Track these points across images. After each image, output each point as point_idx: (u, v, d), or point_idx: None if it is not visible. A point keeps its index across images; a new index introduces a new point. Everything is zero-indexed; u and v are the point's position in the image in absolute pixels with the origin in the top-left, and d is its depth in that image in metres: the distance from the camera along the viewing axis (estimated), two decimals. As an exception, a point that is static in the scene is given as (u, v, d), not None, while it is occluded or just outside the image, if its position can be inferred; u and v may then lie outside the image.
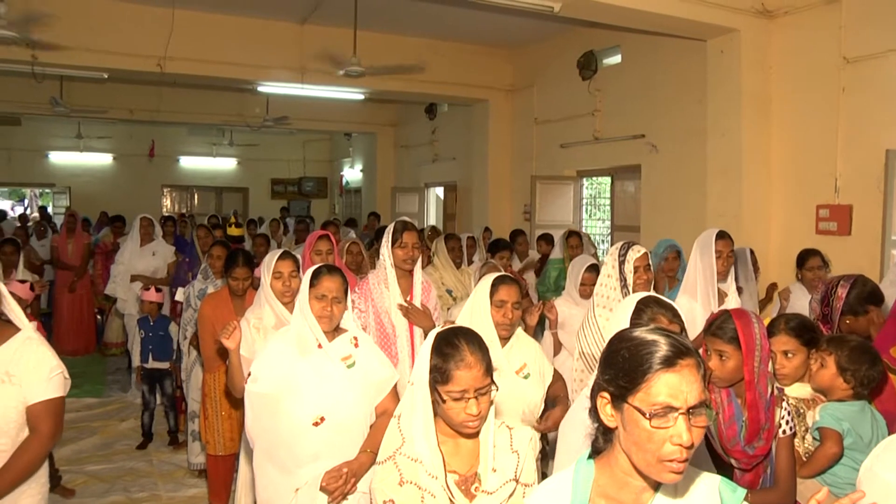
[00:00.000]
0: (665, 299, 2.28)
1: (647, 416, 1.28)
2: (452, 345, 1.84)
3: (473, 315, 2.82)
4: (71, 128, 14.81)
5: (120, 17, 7.89)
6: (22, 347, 2.43)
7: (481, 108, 10.49)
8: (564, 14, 6.11)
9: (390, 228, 3.59)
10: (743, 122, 6.30)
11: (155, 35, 7.90)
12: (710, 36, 6.50)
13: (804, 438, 2.58)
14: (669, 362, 1.29)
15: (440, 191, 13.14)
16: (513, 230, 7.62)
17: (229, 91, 12.32)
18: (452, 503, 1.85)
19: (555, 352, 4.13)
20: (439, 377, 1.83)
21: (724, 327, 2.31)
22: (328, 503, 2.47)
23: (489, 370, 1.85)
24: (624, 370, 1.33)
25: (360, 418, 2.58)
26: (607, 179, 9.27)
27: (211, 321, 3.94)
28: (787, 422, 2.33)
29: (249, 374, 2.68)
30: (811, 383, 2.67)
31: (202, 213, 14.28)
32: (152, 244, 7.19)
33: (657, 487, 1.39)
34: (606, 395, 1.37)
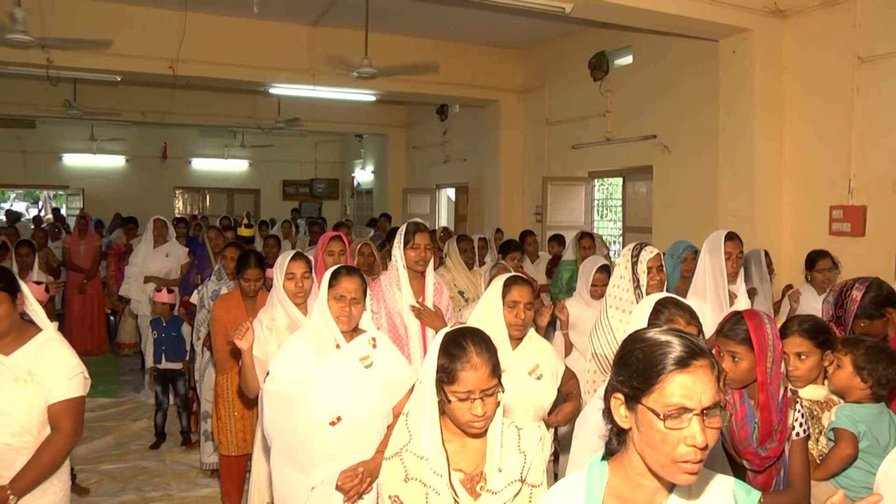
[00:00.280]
0: (683, 300, 2.29)
1: (661, 417, 1.28)
2: (459, 345, 1.85)
3: (485, 316, 2.83)
4: (84, 130, 14.92)
5: (133, 21, 7.94)
6: (43, 347, 2.48)
7: (493, 109, 10.48)
8: (576, 15, 6.10)
9: (402, 230, 3.59)
10: (756, 123, 6.26)
11: (167, 38, 7.95)
12: (723, 36, 6.47)
13: (818, 441, 2.57)
14: (683, 363, 1.29)
15: (451, 192, 13.13)
16: (522, 231, 7.61)
17: (241, 93, 12.38)
18: (457, 501, 1.87)
19: (566, 352, 4.12)
20: (445, 377, 1.84)
21: (737, 329, 2.31)
22: (343, 502, 2.48)
23: (496, 371, 1.86)
24: (638, 371, 1.33)
25: (377, 419, 2.59)
26: (619, 180, 9.24)
27: (223, 322, 3.95)
28: (801, 424, 2.32)
29: (268, 374, 2.70)
30: (828, 385, 2.65)
31: (214, 215, 14.33)
32: (166, 245, 7.21)
33: (671, 489, 1.39)
34: (620, 396, 1.37)
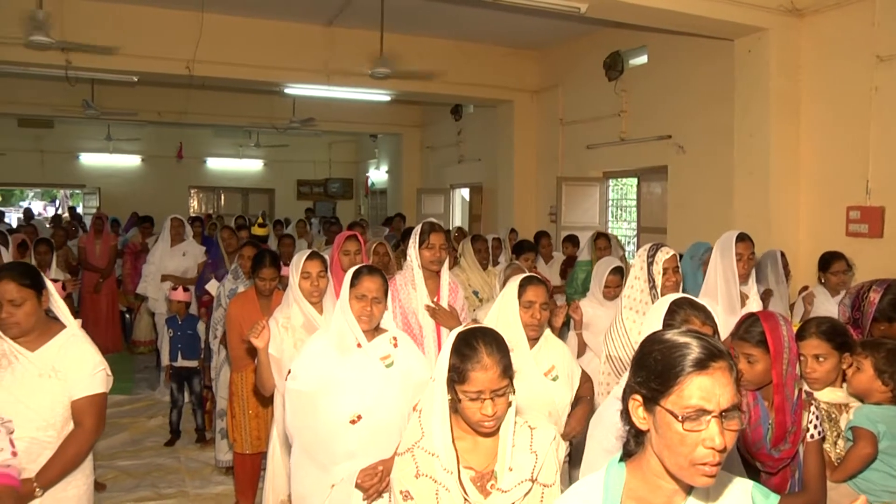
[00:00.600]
0: (698, 301, 2.28)
1: (680, 419, 1.28)
2: (470, 346, 1.87)
3: (501, 316, 2.83)
4: (101, 130, 15.05)
5: (150, 22, 8.02)
6: (67, 344, 2.53)
7: (507, 110, 10.46)
8: (591, 15, 6.08)
9: (417, 229, 3.59)
10: (771, 123, 6.21)
11: (184, 39, 8.00)
12: (738, 35, 6.42)
13: (836, 444, 2.55)
14: (702, 365, 1.29)
15: (466, 192, 13.12)
16: (537, 232, 7.59)
17: (256, 93, 12.44)
18: (466, 499, 1.88)
19: (579, 353, 4.11)
20: (456, 377, 1.86)
21: (752, 330, 2.30)
22: (363, 500, 2.50)
23: (507, 372, 1.86)
24: (656, 372, 1.33)
25: (397, 418, 2.59)
26: (633, 180, 9.20)
27: (238, 321, 3.99)
28: (815, 426, 2.31)
29: (289, 372, 2.72)
30: (847, 388, 2.63)
31: (229, 214, 14.41)
32: (183, 244, 7.23)
33: (689, 491, 1.38)
34: (639, 398, 1.37)
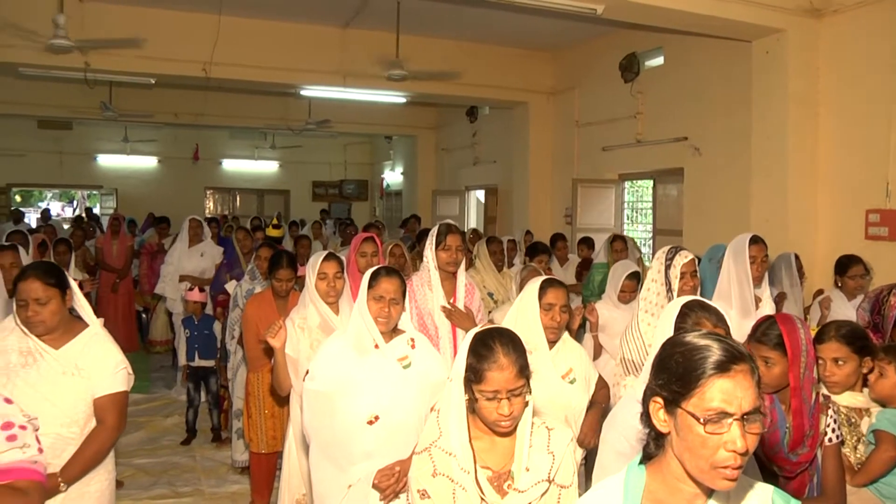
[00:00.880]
0: (710, 303, 2.27)
1: (701, 422, 1.27)
2: (487, 346, 1.88)
3: (520, 318, 2.83)
4: (118, 132, 15.18)
5: (167, 25, 8.08)
6: (90, 342, 2.57)
7: (522, 111, 10.45)
8: (607, 16, 6.07)
9: (434, 231, 3.60)
10: (789, 125, 6.16)
11: (201, 41, 8.06)
12: (756, 36, 6.37)
13: (856, 448, 2.52)
14: (723, 367, 1.29)
15: (481, 194, 13.10)
16: (553, 234, 7.58)
17: (272, 95, 12.49)
18: (482, 498, 1.89)
19: (595, 355, 4.10)
20: (473, 377, 1.87)
21: (770, 333, 2.29)
22: (380, 501, 2.51)
23: (523, 372, 1.87)
24: (677, 375, 1.33)
25: (415, 418, 2.60)
26: (649, 183, 9.16)
27: (254, 321, 4.01)
28: (834, 430, 2.29)
29: (307, 372, 2.74)
30: (870, 393, 2.60)
31: (244, 215, 14.50)
32: (201, 245, 7.26)
33: (710, 494, 1.38)
34: (659, 400, 1.36)
